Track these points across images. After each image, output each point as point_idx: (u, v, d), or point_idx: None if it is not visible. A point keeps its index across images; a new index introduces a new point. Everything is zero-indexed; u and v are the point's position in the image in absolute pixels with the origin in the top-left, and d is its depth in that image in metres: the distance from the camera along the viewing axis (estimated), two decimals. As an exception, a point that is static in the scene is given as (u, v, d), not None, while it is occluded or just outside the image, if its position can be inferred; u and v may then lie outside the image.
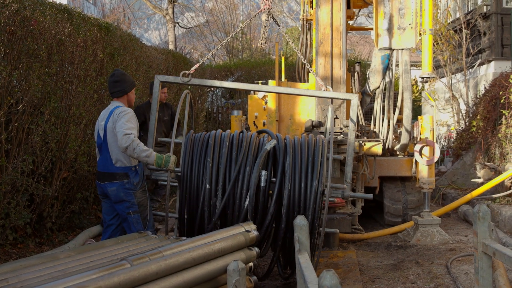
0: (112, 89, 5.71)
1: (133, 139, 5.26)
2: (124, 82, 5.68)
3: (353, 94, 6.30)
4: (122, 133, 5.25)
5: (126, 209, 5.51)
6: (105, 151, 5.52)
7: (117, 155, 5.46)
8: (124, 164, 5.48)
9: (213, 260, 4.14)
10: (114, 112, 5.46)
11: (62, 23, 7.70)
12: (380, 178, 8.56)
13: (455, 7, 17.64)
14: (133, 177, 5.51)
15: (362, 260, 6.84)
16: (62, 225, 7.74)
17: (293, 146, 5.45)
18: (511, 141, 9.77)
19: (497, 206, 8.46)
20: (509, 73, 11.26)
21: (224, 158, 5.38)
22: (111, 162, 5.49)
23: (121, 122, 5.32)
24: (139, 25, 39.02)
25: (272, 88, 7.23)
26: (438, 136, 17.80)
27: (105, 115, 5.57)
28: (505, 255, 3.79)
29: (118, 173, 5.47)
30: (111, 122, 5.44)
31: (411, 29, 8.13)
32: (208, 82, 6.85)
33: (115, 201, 5.53)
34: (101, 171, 5.58)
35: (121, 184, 5.46)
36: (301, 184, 5.27)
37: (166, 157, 5.42)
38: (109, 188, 5.49)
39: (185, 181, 5.45)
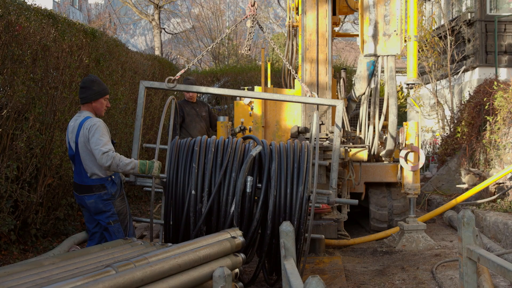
0: (79, 94, 5.58)
1: (113, 155, 5.15)
2: (89, 89, 5.46)
3: (338, 100, 6.30)
4: (100, 151, 5.12)
5: (106, 219, 5.41)
6: (79, 163, 5.38)
7: (91, 168, 5.33)
8: (100, 176, 5.36)
9: (199, 267, 4.12)
10: (84, 126, 5.28)
11: (47, 29, 7.67)
12: (366, 184, 8.59)
13: (440, 14, 17.78)
14: (110, 187, 5.40)
15: (348, 265, 6.85)
16: (47, 232, 7.68)
17: (279, 152, 5.45)
18: (495, 147, 9.84)
19: (481, 212, 8.51)
20: (493, 79, 11.35)
21: (209, 164, 5.37)
22: (86, 175, 5.36)
23: (95, 138, 5.18)
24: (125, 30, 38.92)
25: (257, 94, 7.23)
26: (423, 142, 17.90)
27: (75, 127, 5.38)
28: (490, 260, 3.81)
29: (94, 185, 5.35)
30: (82, 136, 5.28)
31: (396, 36, 8.18)
32: (194, 88, 6.84)
33: (95, 212, 5.43)
34: (77, 183, 5.46)
35: (98, 196, 5.35)
36: (287, 190, 5.27)
37: (150, 163, 5.34)
38: (87, 200, 5.37)
39: (171, 186, 5.44)
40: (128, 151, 10.80)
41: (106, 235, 5.54)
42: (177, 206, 5.43)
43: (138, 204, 11.48)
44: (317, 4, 8.34)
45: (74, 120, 5.46)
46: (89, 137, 5.22)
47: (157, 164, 5.40)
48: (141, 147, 6.28)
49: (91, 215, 5.53)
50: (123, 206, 5.59)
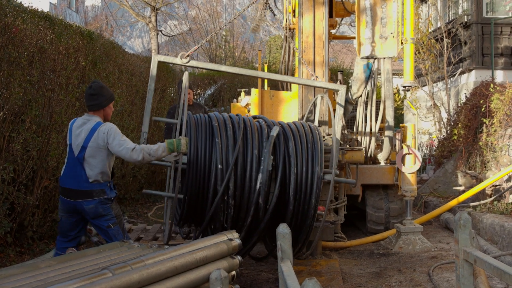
0: (88, 102, 5.46)
1: (141, 148, 5.19)
2: (101, 95, 5.44)
3: (342, 85, 6.62)
4: (128, 149, 5.16)
5: (106, 223, 5.38)
6: (79, 169, 5.29)
7: (94, 174, 5.29)
8: (100, 182, 5.33)
9: (195, 269, 4.12)
10: (100, 131, 5.25)
11: (44, 31, 7.67)
12: (363, 186, 8.59)
13: (436, 17, 17.81)
14: (109, 192, 5.39)
15: (344, 268, 6.85)
16: (43, 234, 7.66)
17: (293, 132, 5.77)
18: (492, 149, 9.85)
19: (478, 214, 8.52)
20: (490, 82, 11.37)
21: (231, 140, 5.57)
22: (86, 180, 5.28)
23: (117, 140, 5.19)
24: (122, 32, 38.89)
25: (268, 75, 7.26)
26: (420, 144, 17.91)
27: (84, 131, 5.31)
28: (486, 262, 3.81)
29: (95, 190, 5.29)
30: (96, 140, 5.24)
31: (393, 38, 8.19)
32: (209, 65, 6.75)
33: (93, 217, 5.37)
34: (72, 188, 5.33)
35: (99, 201, 5.31)
36: (303, 169, 5.60)
37: (177, 141, 5.31)
38: (86, 206, 5.30)
39: (193, 162, 5.51)
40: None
41: (105, 238, 5.50)
42: (198, 181, 5.53)
43: (135, 206, 11.47)
44: (314, 7, 8.35)
45: (80, 123, 5.38)
46: (108, 141, 5.20)
47: (184, 140, 5.36)
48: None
49: (79, 220, 5.46)
50: (117, 208, 5.59)
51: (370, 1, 8.24)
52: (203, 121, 5.69)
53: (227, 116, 5.79)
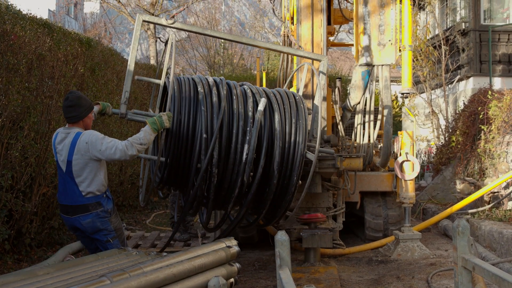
0: (66, 114, 5.21)
1: (130, 143, 5.02)
2: (79, 106, 5.17)
3: (323, 55, 6.84)
4: (119, 150, 4.97)
5: (104, 237, 5.21)
6: (71, 184, 5.11)
7: (87, 187, 5.10)
8: (95, 194, 5.14)
9: (194, 276, 4.12)
10: (80, 142, 5.05)
11: (43, 38, 7.68)
12: (361, 193, 8.58)
13: (434, 24, 17.86)
14: (105, 204, 5.20)
15: (343, 275, 6.84)
16: (41, 241, 7.65)
17: (278, 104, 5.85)
18: (490, 156, 9.87)
19: (476, 221, 8.52)
20: (488, 89, 11.40)
21: (216, 108, 5.54)
22: (79, 194, 5.10)
23: (105, 144, 5.00)
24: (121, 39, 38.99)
25: (263, 44, 7.34)
26: (418, 151, 17.93)
27: (66, 146, 5.11)
28: (485, 269, 3.81)
29: (90, 204, 5.11)
30: (79, 152, 5.04)
31: (391, 45, 8.21)
32: (193, 28, 6.62)
33: (91, 232, 5.19)
34: (68, 204, 5.17)
35: (95, 214, 5.12)
36: (286, 144, 5.71)
37: (159, 119, 5.22)
38: (82, 221, 5.11)
39: (176, 130, 5.50)
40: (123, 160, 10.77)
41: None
42: (182, 146, 5.52)
43: (133, 213, 11.46)
44: (312, 14, 8.37)
45: (61, 139, 5.18)
46: (95, 150, 5.00)
47: (165, 116, 5.30)
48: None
49: (86, 237, 5.29)
50: (117, 221, 5.42)
51: (368, 8, 8.27)
52: (187, 84, 5.64)
53: (212, 81, 5.72)
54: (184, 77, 5.85)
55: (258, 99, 5.84)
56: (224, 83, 5.81)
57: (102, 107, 5.70)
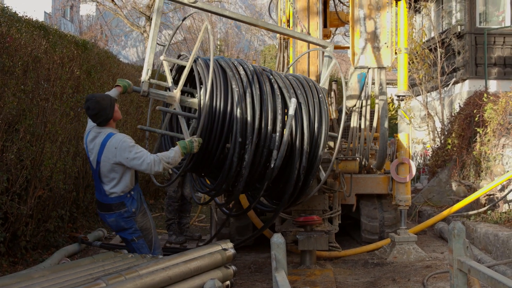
0: (94, 120, 5.30)
1: (159, 158, 5.05)
2: (103, 110, 5.22)
3: (329, 42, 6.99)
4: (147, 164, 5.02)
5: (129, 236, 5.29)
6: (98, 182, 5.26)
7: (112, 188, 5.21)
8: (118, 194, 5.22)
9: (190, 279, 4.12)
10: (110, 145, 5.12)
11: (39, 40, 7.67)
12: (357, 195, 8.58)
13: (430, 27, 17.90)
14: (129, 204, 5.26)
15: (339, 277, 6.84)
16: (37, 244, 7.63)
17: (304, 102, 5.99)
18: (485, 159, 9.88)
19: (472, 223, 8.53)
20: (483, 91, 11.42)
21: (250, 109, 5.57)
22: (105, 194, 5.24)
23: (133, 154, 5.05)
24: (117, 42, 38.93)
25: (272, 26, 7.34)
26: (414, 154, 17.95)
27: (97, 146, 5.20)
28: (480, 272, 3.82)
29: (113, 204, 5.22)
30: (107, 155, 5.13)
31: (386, 48, 8.22)
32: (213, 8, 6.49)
33: (116, 230, 5.35)
34: (99, 200, 5.35)
35: (118, 214, 5.22)
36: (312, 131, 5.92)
37: (189, 144, 5.21)
38: (108, 219, 5.27)
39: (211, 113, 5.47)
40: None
41: (131, 249, 5.40)
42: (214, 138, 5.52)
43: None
44: (308, 17, 8.38)
45: (92, 138, 5.28)
46: (122, 157, 5.06)
47: (196, 143, 5.28)
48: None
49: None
50: (145, 221, 5.42)
51: (364, 11, 8.28)
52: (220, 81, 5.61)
53: (246, 82, 5.69)
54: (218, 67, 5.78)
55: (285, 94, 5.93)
56: (256, 80, 5.81)
57: (123, 88, 5.64)
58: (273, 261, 4.07)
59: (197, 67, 5.67)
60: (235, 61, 5.88)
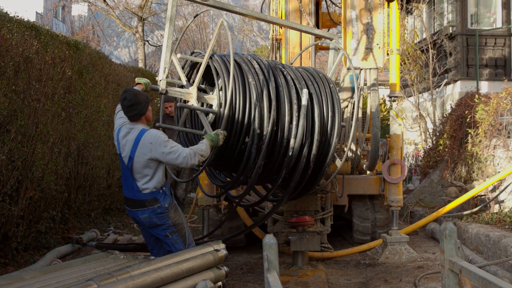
0: (128, 113, 5.32)
1: (193, 152, 5.10)
2: (139, 103, 5.28)
3: (334, 34, 7.08)
4: (183, 158, 5.06)
5: (163, 232, 5.27)
6: (130, 179, 5.25)
7: (145, 183, 5.21)
8: (151, 190, 5.22)
9: (181, 280, 4.12)
10: (145, 140, 5.14)
11: (30, 41, 7.64)
12: (349, 196, 8.59)
13: (422, 28, 17.96)
14: (162, 200, 5.25)
15: (331, 278, 6.85)
16: (28, 245, 7.60)
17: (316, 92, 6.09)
18: (477, 160, 9.92)
19: (463, 224, 8.56)
20: (475, 92, 11.48)
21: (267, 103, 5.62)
22: (137, 190, 5.22)
23: (168, 148, 5.08)
24: (109, 42, 38.87)
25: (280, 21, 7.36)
26: (405, 155, 17.99)
27: (130, 142, 5.23)
28: (472, 272, 3.83)
29: (147, 200, 5.21)
30: (141, 151, 5.14)
31: (378, 49, 8.24)
32: (224, 5, 6.50)
33: (149, 227, 5.30)
34: (129, 197, 5.33)
35: (152, 210, 5.20)
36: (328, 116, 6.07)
37: (216, 137, 5.27)
38: (140, 215, 5.24)
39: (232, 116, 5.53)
40: (111, 162, 10.74)
41: (165, 247, 5.38)
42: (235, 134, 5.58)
43: (121, 217, 11.41)
44: (301, 18, 8.40)
45: (124, 133, 5.29)
46: (158, 152, 5.08)
47: (221, 135, 5.34)
48: None
49: (146, 230, 5.41)
50: (177, 216, 5.44)
51: (356, 12, 8.29)
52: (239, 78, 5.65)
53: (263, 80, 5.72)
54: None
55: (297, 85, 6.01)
56: (271, 73, 5.84)
57: (144, 86, 5.68)
58: (265, 262, 4.07)
59: (213, 64, 5.73)
60: (248, 56, 5.96)
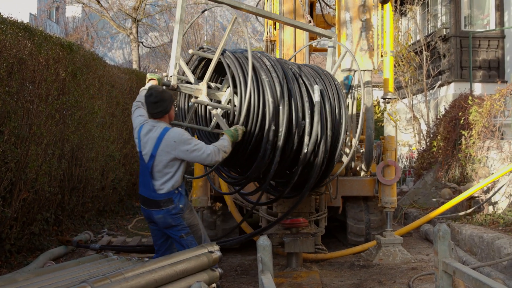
0: (152, 110, 5.24)
1: (217, 149, 5.09)
2: (164, 101, 5.22)
3: (332, 32, 7.19)
4: (207, 155, 5.02)
5: (177, 233, 5.20)
6: (148, 177, 5.15)
7: (162, 183, 5.12)
8: (168, 190, 5.12)
9: (176, 281, 4.11)
10: (168, 138, 5.06)
11: (24, 42, 7.62)
12: (343, 198, 8.60)
13: (416, 30, 18.00)
14: (177, 200, 5.15)
15: (325, 280, 6.85)
16: (22, 247, 7.57)
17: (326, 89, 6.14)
18: (470, 161, 9.95)
19: (457, 225, 8.58)
20: (468, 94, 11.50)
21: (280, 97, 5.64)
22: (153, 189, 5.13)
23: (191, 146, 5.03)
24: (103, 44, 38.79)
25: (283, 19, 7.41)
26: (399, 156, 18.02)
27: (152, 140, 5.13)
28: (465, 273, 3.84)
29: (162, 200, 5.12)
30: (164, 149, 5.06)
31: (372, 51, 8.25)
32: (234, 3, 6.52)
33: (164, 227, 5.23)
34: (145, 196, 5.23)
35: (166, 211, 5.12)
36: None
37: (235, 133, 5.30)
38: (155, 215, 5.16)
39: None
40: (105, 164, 10.72)
41: (178, 247, 5.32)
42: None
43: (115, 218, 11.40)
44: (295, 19, 8.40)
45: (146, 131, 5.21)
46: (183, 149, 5.03)
47: (240, 131, 5.37)
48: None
49: (158, 230, 5.35)
50: (192, 217, 5.34)
51: (350, 14, 8.31)
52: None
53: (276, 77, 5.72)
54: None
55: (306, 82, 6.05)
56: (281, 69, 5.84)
57: (158, 82, 5.66)
58: (259, 263, 4.07)
59: (225, 60, 5.71)
60: (257, 53, 5.97)
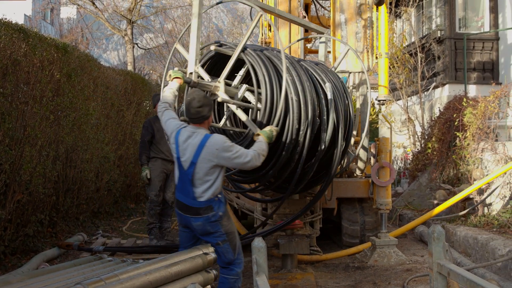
0: (194, 115, 5.07)
1: (258, 152, 5.00)
2: (206, 106, 5.07)
3: (324, 28, 7.27)
4: (251, 160, 4.94)
5: (214, 240, 5.07)
6: (188, 184, 5.02)
7: (203, 191, 4.99)
8: (208, 197, 4.99)
9: (170, 283, 4.10)
10: (209, 145, 4.93)
11: (18, 43, 7.60)
12: (338, 199, 8.60)
13: (410, 32, 18.03)
14: (217, 208, 5.03)
15: (320, 281, 6.86)
16: (16, 249, 7.55)
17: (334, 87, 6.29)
18: (465, 163, 9.97)
19: (452, 227, 8.60)
20: (463, 96, 11.52)
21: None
22: (193, 197, 5.00)
23: (233, 153, 4.92)
24: (98, 45, 38.71)
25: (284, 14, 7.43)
26: (394, 158, 18.05)
27: (192, 146, 5.00)
28: (460, 275, 3.85)
29: (201, 208, 4.99)
30: (206, 156, 4.93)
31: (367, 52, 8.27)
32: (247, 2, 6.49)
33: (201, 234, 5.12)
34: (183, 202, 5.09)
35: (206, 218, 4.99)
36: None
37: (270, 133, 5.26)
38: (193, 222, 5.03)
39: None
40: (99, 166, 10.70)
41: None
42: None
43: (110, 220, 11.37)
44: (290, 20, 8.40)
45: (186, 137, 5.07)
46: (225, 156, 4.90)
47: (275, 132, 5.34)
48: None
49: (192, 235, 5.23)
50: (230, 224, 5.20)
51: (345, 16, 8.33)
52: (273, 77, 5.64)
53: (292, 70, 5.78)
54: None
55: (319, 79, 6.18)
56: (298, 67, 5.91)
57: (182, 80, 5.60)
58: (254, 265, 4.07)
59: (246, 57, 5.68)
60: (275, 51, 6.04)
